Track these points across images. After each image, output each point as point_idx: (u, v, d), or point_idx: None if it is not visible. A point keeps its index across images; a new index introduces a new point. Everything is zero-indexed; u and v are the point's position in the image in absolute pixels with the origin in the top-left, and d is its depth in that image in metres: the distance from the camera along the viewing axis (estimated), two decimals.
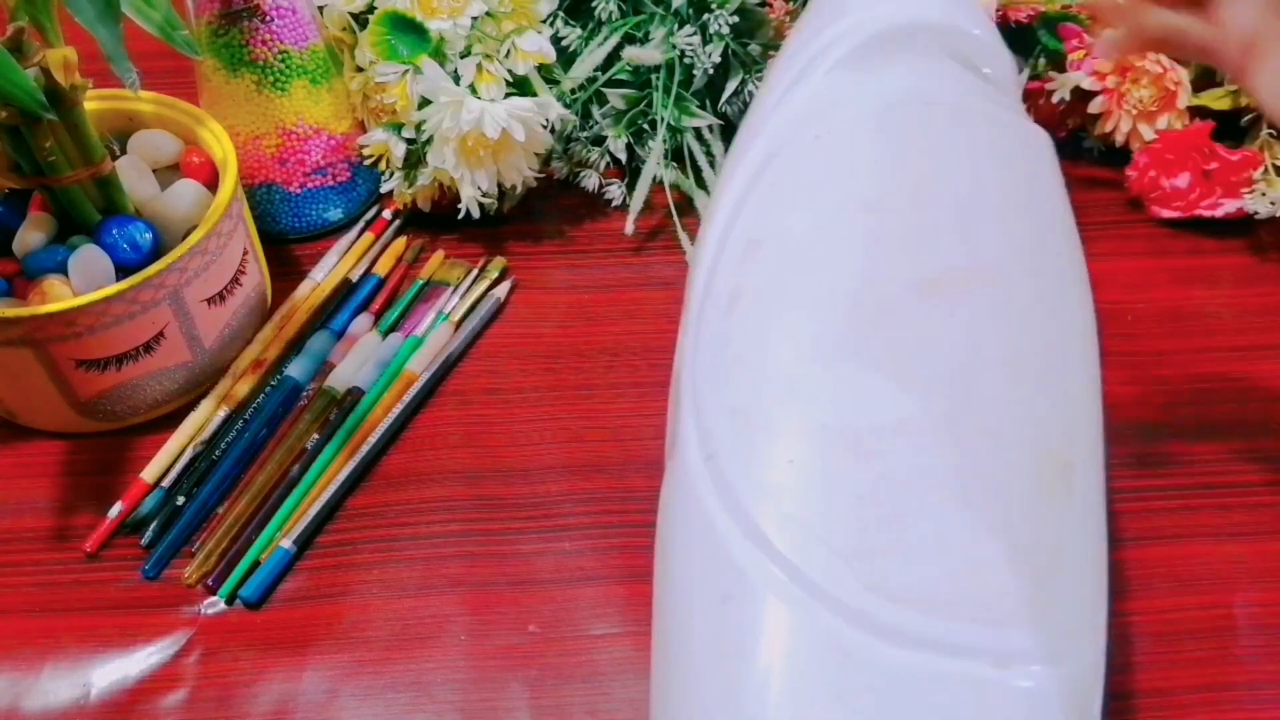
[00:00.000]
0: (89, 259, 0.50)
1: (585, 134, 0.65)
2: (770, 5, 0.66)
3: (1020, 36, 0.66)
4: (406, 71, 0.59)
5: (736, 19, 0.63)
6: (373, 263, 0.62)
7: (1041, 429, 0.41)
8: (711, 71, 0.63)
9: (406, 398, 0.55)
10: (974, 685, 0.36)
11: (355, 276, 0.61)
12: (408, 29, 0.59)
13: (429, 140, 0.59)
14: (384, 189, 0.63)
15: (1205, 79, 0.64)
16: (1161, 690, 0.45)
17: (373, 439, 0.53)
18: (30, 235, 0.52)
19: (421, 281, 0.61)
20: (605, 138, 0.64)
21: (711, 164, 0.65)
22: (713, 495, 0.40)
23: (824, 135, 0.48)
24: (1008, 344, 0.43)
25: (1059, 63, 0.65)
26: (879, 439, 0.40)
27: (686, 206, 0.64)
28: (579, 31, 0.65)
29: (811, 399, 0.41)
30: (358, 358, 0.56)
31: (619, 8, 0.64)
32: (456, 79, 0.58)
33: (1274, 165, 0.61)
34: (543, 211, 0.65)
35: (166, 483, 0.52)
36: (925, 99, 0.49)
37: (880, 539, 0.38)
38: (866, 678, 0.36)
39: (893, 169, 0.47)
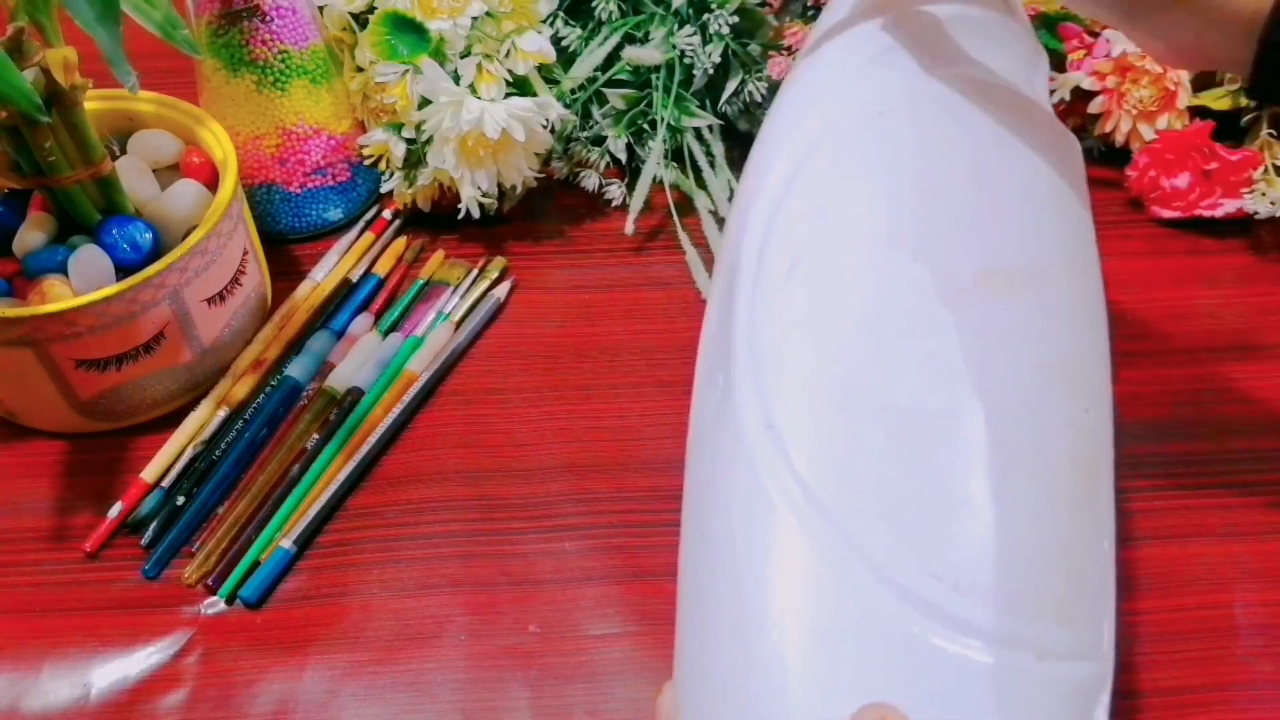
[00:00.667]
0: (89, 259, 0.50)
1: (585, 134, 0.65)
2: (770, 5, 0.66)
3: None
4: (406, 71, 0.59)
5: (736, 19, 0.63)
6: (373, 263, 0.62)
7: (1075, 432, 0.42)
8: (711, 71, 0.63)
9: (406, 398, 0.55)
10: (1014, 675, 0.36)
11: (355, 276, 0.61)
12: (408, 29, 0.59)
13: (429, 140, 0.59)
14: (384, 189, 0.63)
15: (1205, 79, 0.64)
16: (1162, 690, 0.45)
17: (373, 439, 0.53)
18: (30, 235, 0.52)
19: (421, 281, 0.61)
20: (605, 138, 0.64)
21: (711, 164, 0.65)
22: (774, 466, 0.40)
23: (887, 112, 0.48)
24: (1050, 345, 0.43)
25: (1059, 63, 0.65)
26: (935, 425, 0.40)
27: (686, 206, 0.64)
28: (579, 31, 0.65)
29: (873, 377, 0.41)
30: (358, 358, 0.56)
31: (619, 8, 0.64)
32: (456, 79, 0.58)
33: (1274, 165, 0.61)
34: (543, 211, 0.65)
35: (166, 483, 0.52)
36: (977, 87, 0.49)
37: (934, 522, 0.38)
38: (926, 661, 0.36)
39: (951, 155, 0.47)
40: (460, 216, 0.61)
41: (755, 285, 0.45)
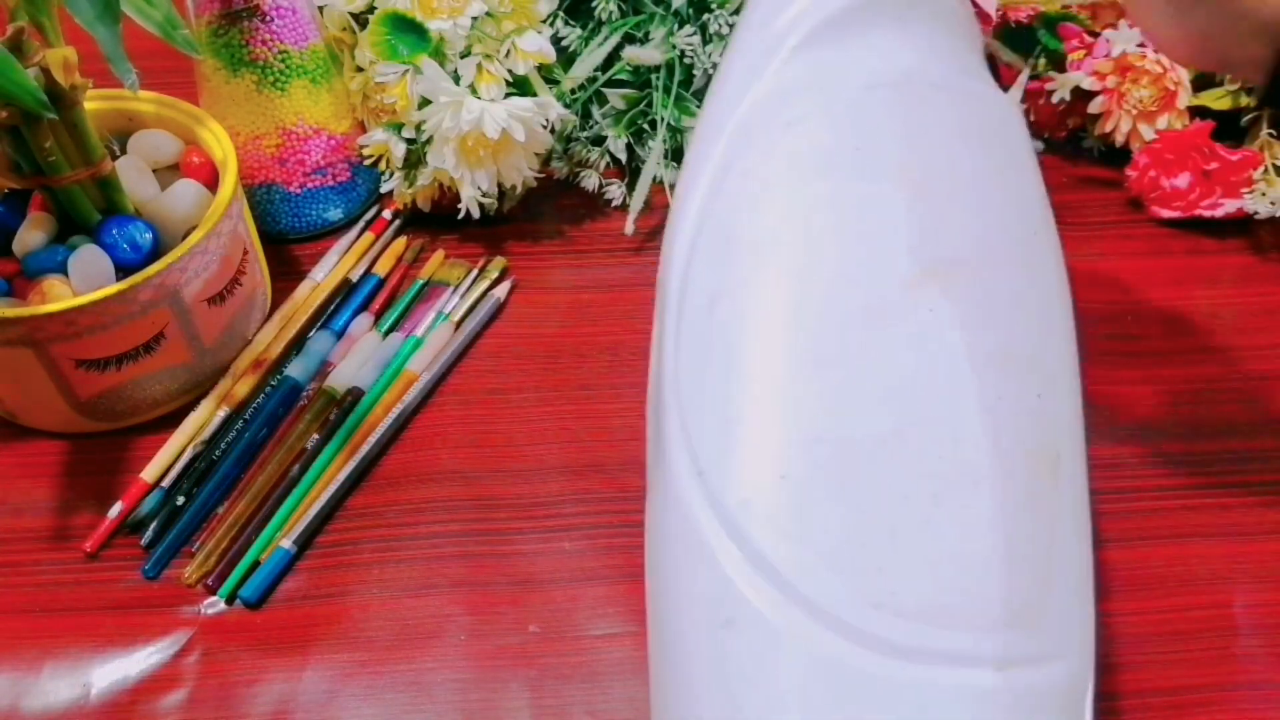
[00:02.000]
0: (89, 259, 0.50)
1: (585, 134, 0.65)
2: None
3: (1020, 36, 0.66)
4: (406, 71, 0.59)
5: (736, 19, 0.63)
6: (373, 263, 0.62)
7: (1031, 422, 0.40)
8: (711, 71, 0.63)
9: (406, 398, 0.55)
10: (977, 692, 0.35)
11: (355, 276, 0.61)
12: (408, 29, 0.59)
13: (429, 140, 0.59)
14: (384, 189, 0.63)
15: (1205, 79, 0.64)
16: (1161, 690, 0.45)
17: (373, 439, 0.53)
18: (30, 235, 0.52)
19: (421, 281, 0.61)
20: (605, 138, 0.64)
21: None
22: (707, 514, 0.39)
23: (794, 122, 0.46)
24: (996, 336, 0.42)
25: (1059, 63, 0.65)
26: (870, 448, 0.39)
27: None
28: (579, 31, 0.65)
29: (801, 409, 0.40)
30: (358, 358, 0.56)
31: (619, 8, 0.64)
32: (456, 79, 0.58)
33: (1274, 165, 0.61)
34: (543, 211, 0.65)
35: (166, 483, 0.52)
36: (896, 77, 0.47)
37: (878, 552, 0.37)
38: (874, 696, 0.35)
39: (870, 155, 0.45)
40: (460, 216, 0.61)
41: (678, 326, 0.44)
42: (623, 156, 0.64)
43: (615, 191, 0.65)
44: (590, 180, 0.65)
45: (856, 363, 0.41)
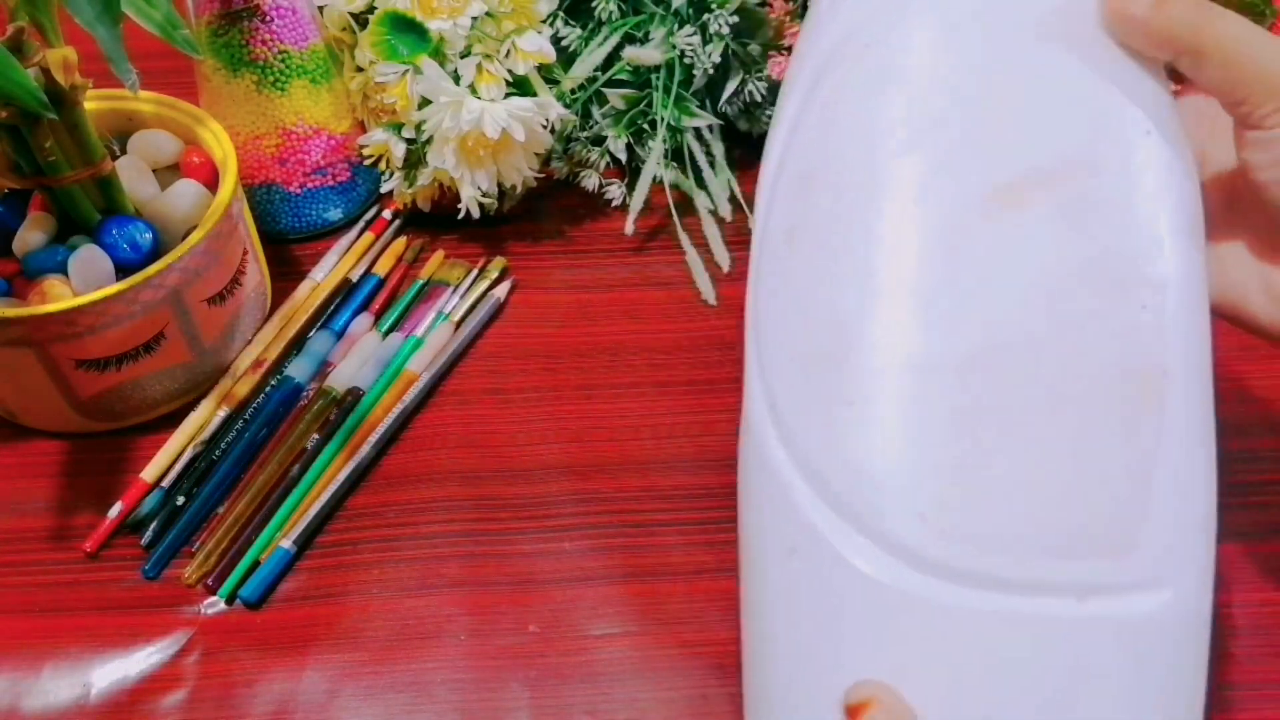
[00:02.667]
0: (89, 259, 0.50)
1: (585, 134, 0.65)
2: (770, 5, 0.66)
3: None
4: (406, 71, 0.59)
5: (736, 19, 0.63)
6: (373, 263, 0.62)
7: (1129, 339, 0.37)
8: (711, 71, 0.63)
9: (406, 398, 0.55)
10: (1057, 621, 0.34)
11: (355, 276, 0.61)
12: (408, 29, 0.59)
13: (429, 140, 0.59)
14: (384, 189, 0.63)
15: None
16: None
17: (373, 439, 0.53)
18: (30, 235, 0.52)
19: (421, 281, 0.61)
20: (605, 138, 0.64)
21: (711, 164, 0.65)
22: (777, 447, 0.38)
23: (872, 44, 0.43)
24: (1088, 247, 0.38)
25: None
26: (947, 375, 0.37)
27: (686, 206, 0.64)
28: (579, 31, 0.65)
29: (875, 339, 0.38)
30: (358, 358, 0.56)
31: (619, 8, 0.64)
32: (456, 79, 0.58)
33: None
34: (543, 211, 0.65)
35: (166, 483, 0.52)
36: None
37: (952, 482, 0.36)
38: (947, 626, 0.34)
39: (949, 72, 0.41)
40: (460, 216, 0.61)
41: (759, 265, 0.42)
42: (623, 156, 0.64)
43: (615, 191, 0.65)
44: (590, 180, 0.65)
45: (932, 286, 0.38)
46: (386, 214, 0.64)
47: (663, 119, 0.63)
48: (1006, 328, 0.37)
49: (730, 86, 0.64)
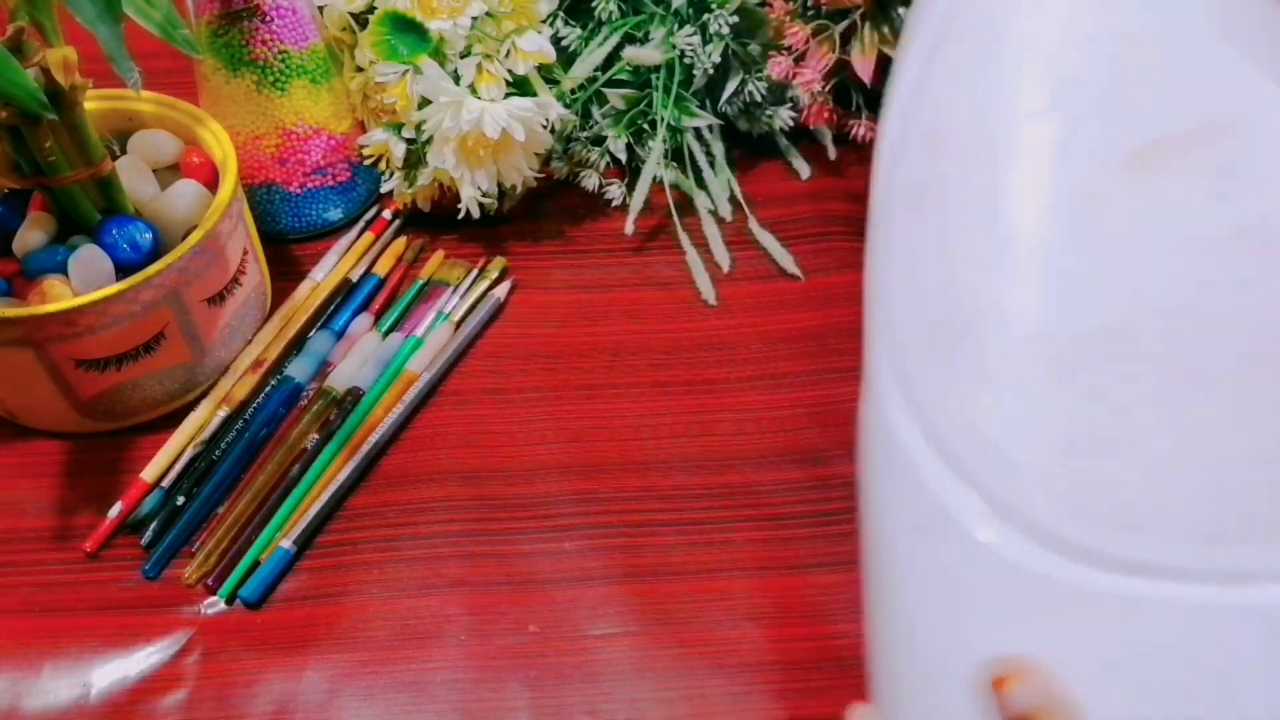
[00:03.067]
0: (89, 259, 0.50)
1: (585, 134, 0.65)
2: (770, 5, 0.66)
3: None
4: (406, 71, 0.59)
5: (736, 19, 0.63)
6: (373, 263, 0.62)
7: None
8: (711, 71, 0.63)
9: (406, 398, 0.55)
10: (1201, 610, 0.33)
11: (355, 276, 0.61)
12: (408, 29, 0.59)
13: (429, 140, 0.59)
14: (384, 189, 0.63)
15: None
16: None
17: (373, 439, 0.53)
18: (30, 235, 0.52)
19: (421, 281, 0.61)
20: (605, 138, 0.64)
21: (711, 164, 0.65)
22: (906, 418, 0.37)
23: (1000, 4, 0.41)
24: (1240, 213, 0.36)
25: None
26: (1087, 348, 0.35)
27: (686, 206, 0.64)
28: (579, 31, 0.65)
29: (1011, 309, 0.36)
30: (358, 358, 0.56)
31: (619, 8, 0.64)
32: (456, 79, 0.58)
33: None
34: (543, 211, 0.65)
35: (166, 483, 0.52)
36: None
37: (1092, 461, 0.34)
38: (1082, 610, 0.33)
39: (1087, 31, 0.39)
40: (460, 216, 0.61)
41: (886, 226, 0.40)
42: (623, 156, 0.64)
43: (615, 191, 0.65)
44: (590, 180, 0.65)
45: (1070, 253, 0.37)
46: (386, 214, 0.64)
47: (663, 119, 0.63)
48: (1151, 298, 0.35)
49: (730, 86, 0.64)
